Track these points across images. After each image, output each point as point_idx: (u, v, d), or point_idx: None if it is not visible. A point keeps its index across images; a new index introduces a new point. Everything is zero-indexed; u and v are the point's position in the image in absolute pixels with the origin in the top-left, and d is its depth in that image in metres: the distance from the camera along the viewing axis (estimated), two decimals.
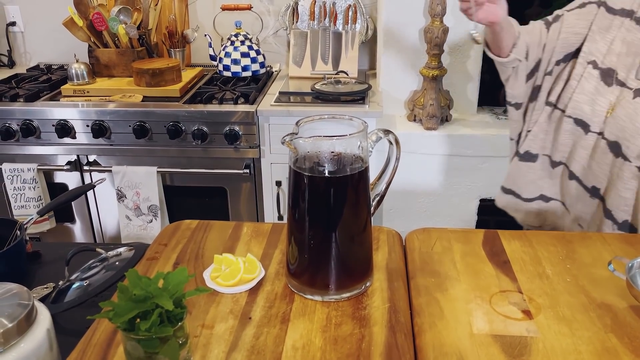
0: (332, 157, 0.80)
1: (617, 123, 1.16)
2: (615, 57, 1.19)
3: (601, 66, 1.21)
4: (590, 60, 1.22)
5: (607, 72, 1.20)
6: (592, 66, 1.22)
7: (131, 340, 0.65)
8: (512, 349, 0.75)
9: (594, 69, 1.21)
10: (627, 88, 1.16)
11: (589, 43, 1.23)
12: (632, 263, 0.82)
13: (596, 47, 1.22)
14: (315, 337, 0.78)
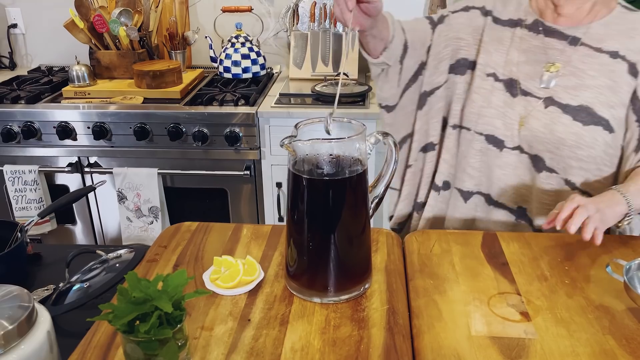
0: (330, 159, 0.81)
1: (535, 136, 1.12)
2: (515, 66, 1.15)
3: (502, 78, 1.16)
4: (489, 73, 1.17)
5: (509, 82, 1.15)
6: (494, 79, 1.16)
7: (130, 342, 0.66)
8: (510, 351, 0.75)
9: (496, 82, 1.16)
10: (534, 97, 1.13)
11: (483, 55, 1.18)
12: (630, 265, 0.83)
13: (492, 58, 1.17)
14: (314, 339, 0.78)
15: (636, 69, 1.08)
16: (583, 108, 1.09)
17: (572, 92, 1.10)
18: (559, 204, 0.96)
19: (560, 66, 1.10)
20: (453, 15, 1.21)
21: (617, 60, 1.09)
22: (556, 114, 1.10)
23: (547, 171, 1.12)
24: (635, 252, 0.98)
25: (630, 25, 1.11)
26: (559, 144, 1.10)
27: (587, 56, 1.10)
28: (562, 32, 1.12)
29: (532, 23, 1.15)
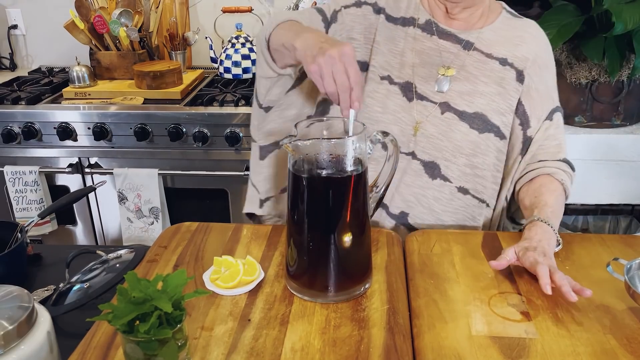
0: (330, 159, 0.81)
1: (431, 142, 1.09)
2: (410, 69, 1.11)
3: (398, 81, 1.12)
4: (383, 76, 1.12)
5: (405, 86, 1.11)
6: (388, 82, 1.12)
7: (130, 342, 0.65)
8: (510, 351, 0.75)
9: (391, 85, 1.11)
10: (430, 102, 1.10)
11: (377, 56, 1.12)
12: (631, 264, 0.82)
13: (386, 60, 1.12)
14: (314, 339, 0.78)
15: (523, 76, 1.10)
16: (478, 115, 1.09)
17: (467, 99, 1.10)
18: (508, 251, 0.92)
19: (455, 71, 1.09)
20: (345, 11, 1.13)
21: (506, 68, 1.10)
22: (453, 121, 1.09)
23: (441, 179, 1.11)
24: (636, 251, 0.98)
25: (516, 33, 1.12)
26: (456, 152, 1.09)
27: (479, 62, 1.10)
28: (456, 36, 1.11)
29: (425, 23, 1.12)
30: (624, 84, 1.91)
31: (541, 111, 1.12)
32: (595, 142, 1.96)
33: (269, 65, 1.06)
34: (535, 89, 1.11)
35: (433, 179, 1.11)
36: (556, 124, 1.13)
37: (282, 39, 0.97)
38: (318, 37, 0.90)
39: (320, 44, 0.86)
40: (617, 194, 2.04)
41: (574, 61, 1.94)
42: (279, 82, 1.11)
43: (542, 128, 1.11)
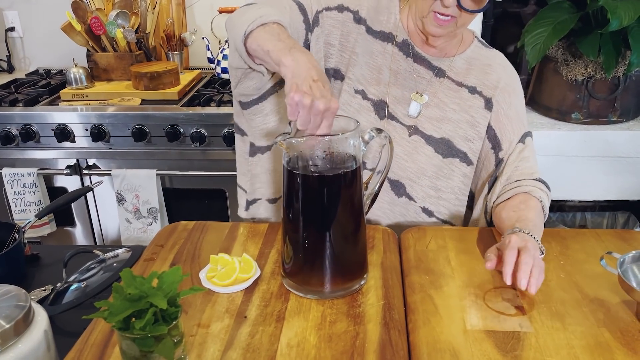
0: (324, 156, 0.81)
1: (396, 162, 1.10)
2: (386, 87, 1.11)
3: (372, 97, 1.11)
4: (358, 90, 1.11)
5: (378, 104, 1.11)
6: (362, 97, 1.11)
7: (126, 339, 0.66)
8: (505, 344, 0.76)
9: (364, 100, 1.11)
10: (400, 124, 1.11)
11: (354, 68, 1.10)
12: (624, 258, 0.83)
13: (362, 73, 1.11)
14: (310, 335, 0.78)
15: (491, 103, 1.12)
16: (444, 141, 1.11)
17: (435, 124, 1.11)
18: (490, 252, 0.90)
19: (427, 98, 1.11)
20: (327, 13, 1.09)
21: (475, 96, 1.12)
22: (419, 144, 1.11)
23: (406, 197, 1.12)
24: (630, 245, 0.99)
25: (486, 62, 1.14)
26: (420, 174, 1.11)
27: (450, 89, 1.12)
28: (430, 62, 1.12)
29: (403, 43, 1.12)
30: (620, 80, 1.91)
31: (512, 134, 1.13)
32: (592, 139, 1.97)
33: (243, 58, 1.00)
34: (505, 114, 1.13)
35: (399, 197, 1.13)
36: (529, 147, 1.14)
37: (266, 46, 0.92)
38: (310, 69, 0.85)
39: (312, 82, 0.83)
40: (615, 190, 2.05)
41: (569, 58, 1.95)
42: (250, 74, 1.05)
43: (516, 151, 1.12)
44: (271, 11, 0.98)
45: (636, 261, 0.84)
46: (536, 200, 1.06)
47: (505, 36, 2.24)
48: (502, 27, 2.26)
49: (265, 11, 0.97)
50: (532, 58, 1.83)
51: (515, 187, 1.08)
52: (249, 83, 1.07)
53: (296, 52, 0.88)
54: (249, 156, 1.18)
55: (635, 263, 0.84)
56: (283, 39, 0.92)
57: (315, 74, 0.84)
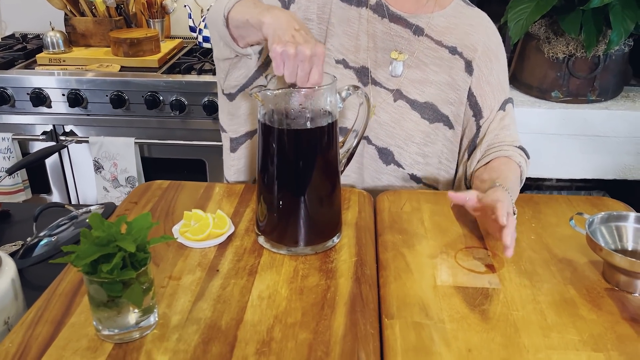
0: (300, 109, 0.81)
1: (384, 129, 1.10)
2: (365, 53, 1.10)
3: (353, 65, 1.10)
4: (338, 60, 1.10)
5: (361, 70, 1.10)
6: (344, 66, 1.10)
7: (94, 283, 0.65)
8: (473, 299, 0.77)
9: (346, 69, 1.10)
10: (384, 89, 1.10)
11: (332, 39, 1.10)
12: (593, 219, 0.84)
13: (340, 42, 1.10)
14: (282, 288, 0.79)
15: (472, 67, 1.10)
16: (429, 105, 1.10)
17: (418, 87, 1.10)
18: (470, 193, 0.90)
19: (407, 56, 1.09)
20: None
21: (455, 57, 1.10)
22: (405, 109, 1.10)
23: (395, 165, 1.12)
24: (600, 211, 1.00)
25: (467, 21, 1.12)
26: (408, 140, 1.10)
27: (429, 49, 1.10)
28: (407, 20, 1.10)
29: (376, 4, 1.10)
30: (600, 59, 1.93)
31: (493, 102, 1.13)
32: (571, 117, 1.98)
33: (228, 44, 0.98)
34: (486, 81, 1.12)
35: (387, 165, 1.12)
36: (510, 115, 1.14)
37: (246, 15, 0.91)
38: (290, 20, 0.84)
39: (294, 31, 0.81)
40: (591, 169, 2.08)
41: (551, 36, 1.95)
42: (238, 63, 1.04)
43: (497, 118, 1.12)
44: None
45: (604, 222, 0.85)
46: (516, 165, 1.06)
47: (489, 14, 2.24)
48: (486, 3, 2.26)
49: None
50: (514, 34, 1.83)
51: (495, 152, 1.08)
52: (237, 73, 1.06)
53: (274, 9, 0.87)
54: (231, 152, 1.17)
55: (604, 224, 0.85)
56: (259, 5, 0.91)
57: (297, 24, 0.83)
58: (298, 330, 0.70)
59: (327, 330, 0.70)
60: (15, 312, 0.78)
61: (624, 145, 2.02)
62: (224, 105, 1.14)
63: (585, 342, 0.69)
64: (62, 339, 0.69)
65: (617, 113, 1.97)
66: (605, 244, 0.81)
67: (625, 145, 2.02)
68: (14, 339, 0.68)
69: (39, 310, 0.73)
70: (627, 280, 0.78)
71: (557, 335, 0.70)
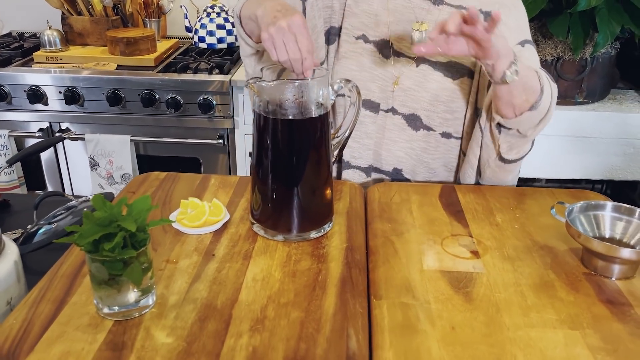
0: (294, 100, 0.84)
1: (408, 95, 1.12)
2: (386, 27, 1.13)
3: (373, 39, 1.13)
4: (358, 36, 1.14)
5: (382, 43, 1.13)
6: (364, 41, 1.13)
7: (96, 261, 0.68)
8: (458, 282, 0.80)
9: (366, 43, 1.13)
10: (406, 57, 1.13)
11: (349, 18, 1.14)
12: (572, 207, 0.88)
13: (360, 20, 1.13)
14: (275, 271, 0.82)
15: (490, 16, 1.07)
16: (451, 64, 1.12)
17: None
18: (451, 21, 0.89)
19: (428, 26, 1.11)
20: None
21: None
22: (428, 71, 1.12)
23: (424, 129, 1.14)
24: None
25: None
26: (434, 101, 1.12)
27: (449, 14, 1.10)
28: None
29: None
30: (587, 61, 1.98)
31: (511, 39, 1.11)
32: (560, 119, 2.03)
33: (245, 40, 1.06)
34: (504, 23, 1.07)
35: (417, 131, 1.14)
36: (530, 51, 1.12)
37: (248, 12, 0.98)
38: (274, 6, 0.89)
39: (275, 13, 0.86)
40: (579, 169, 2.12)
41: (540, 39, 2.00)
42: (262, 58, 1.11)
43: (515, 50, 1.08)
44: None
45: (583, 211, 0.89)
46: (534, 73, 1.02)
47: None
48: None
49: None
50: None
51: None
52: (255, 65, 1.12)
53: (266, 2, 0.93)
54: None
55: (583, 213, 0.89)
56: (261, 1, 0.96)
57: (278, 6, 0.88)
58: (290, 309, 0.74)
59: (318, 310, 0.74)
60: (17, 293, 0.81)
61: (611, 146, 2.07)
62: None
63: (562, 321, 0.73)
64: (65, 316, 0.72)
65: (604, 115, 2.02)
66: (583, 231, 0.85)
67: (612, 147, 2.07)
68: (18, 316, 0.71)
69: (42, 291, 0.76)
70: (604, 265, 0.82)
71: (536, 314, 0.74)
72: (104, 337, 0.68)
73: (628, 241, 0.87)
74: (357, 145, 1.17)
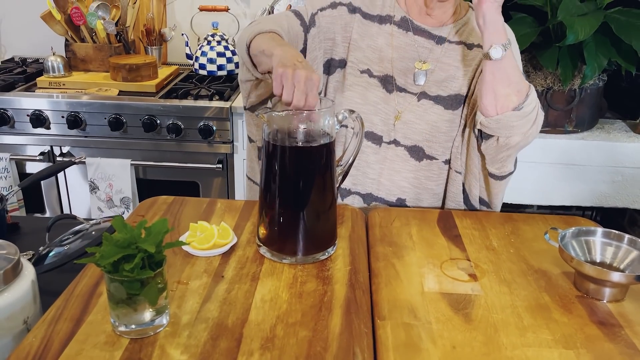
0: (302, 130, 0.89)
1: (409, 127, 1.17)
2: (389, 63, 1.18)
3: (377, 74, 1.18)
4: (363, 70, 1.18)
5: (385, 79, 1.18)
6: (368, 75, 1.18)
7: (115, 281, 0.72)
8: (457, 304, 0.84)
9: (370, 77, 1.18)
10: (409, 93, 1.18)
11: (355, 52, 1.19)
12: (565, 233, 0.93)
13: (365, 55, 1.18)
14: (282, 292, 0.85)
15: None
16: (451, 97, 1.18)
17: (441, 85, 1.18)
18: None
19: (431, 64, 1.18)
20: (321, 13, 1.18)
21: (473, 50, 1.19)
22: (429, 105, 1.18)
23: (427, 159, 1.19)
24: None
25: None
26: (435, 132, 1.18)
27: (451, 51, 1.19)
28: (430, 32, 1.19)
29: (401, 20, 1.20)
30: (576, 92, 2.05)
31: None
32: (550, 147, 2.09)
33: (249, 69, 1.12)
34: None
35: (420, 161, 1.19)
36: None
37: (263, 46, 1.03)
38: (295, 55, 0.94)
39: (296, 61, 0.91)
40: (570, 196, 2.18)
41: (531, 70, 2.08)
42: (259, 85, 1.17)
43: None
44: (269, 24, 1.10)
45: (575, 237, 0.94)
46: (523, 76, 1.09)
47: None
48: None
49: (264, 25, 1.09)
50: None
51: None
52: (258, 92, 1.19)
53: (286, 46, 0.99)
54: (259, 160, 1.27)
55: (575, 239, 0.94)
56: (276, 39, 1.04)
57: (300, 57, 0.93)
58: (298, 329, 0.77)
59: (325, 329, 0.77)
60: (33, 313, 0.83)
61: (600, 174, 2.13)
62: (249, 119, 1.25)
63: (557, 341, 0.77)
64: (82, 334, 0.74)
65: (593, 143, 2.09)
66: (575, 256, 0.89)
67: (601, 174, 2.13)
68: (37, 334, 0.74)
69: (59, 310, 0.79)
70: (595, 288, 0.87)
71: (532, 334, 0.78)
72: (121, 354, 0.71)
73: (618, 265, 0.91)
74: (358, 174, 1.21)
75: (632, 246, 0.91)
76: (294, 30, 1.15)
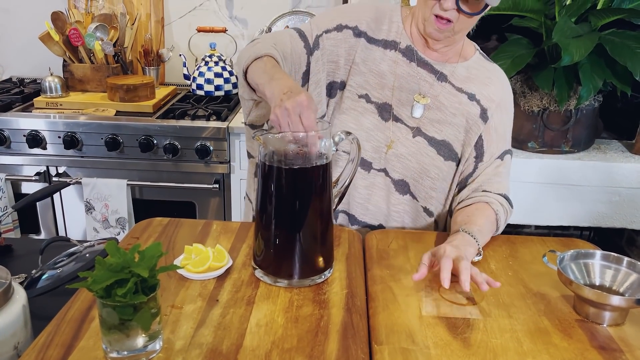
0: (298, 151, 0.88)
1: (402, 162, 1.18)
2: (390, 91, 1.18)
3: (375, 100, 1.18)
4: (361, 94, 1.18)
5: (383, 106, 1.18)
6: (366, 100, 1.18)
7: (107, 307, 0.70)
8: (456, 328, 0.83)
9: (368, 103, 1.18)
10: (404, 125, 1.18)
11: (355, 76, 1.18)
12: (563, 256, 0.92)
13: (365, 79, 1.18)
14: (278, 317, 0.84)
15: (487, 115, 1.20)
16: (445, 143, 1.19)
17: (437, 126, 1.19)
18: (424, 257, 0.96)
19: (429, 100, 1.18)
20: (326, 36, 1.18)
21: (473, 103, 1.20)
22: (422, 145, 1.18)
23: (410, 195, 1.20)
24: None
25: (486, 74, 1.22)
26: (423, 174, 1.18)
27: (450, 94, 1.20)
28: (433, 66, 1.19)
29: (406, 48, 1.19)
30: (572, 113, 2.06)
31: (496, 149, 1.21)
32: (546, 167, 2.09)
33: (247, 92, 1.13)
34: (494, 128, 1.21)
35: (403, 195, 1.20)
36: (506, 165, 1.23)
37: (257, 80, 1.03)
38: (281, 88, 0.93)
39: (281, 96, 0.91)
40: (566, 216, 2.17)
41: (527, 90, 2.09)
42: (260, 104, 1.17)
43: (494, 165, 1.21)
44: (267, 45, 1.09)
45: (574, 259, 0.93)
46: (492, 211, 1.13)
47: None
48: None
49: (261, 46, 1.08)
50: None
51: (478, 197, 1.16)
52: (260, 112, 1.18)
53: (273, 82, 0.98)
54: (255, 177, 1.26)
55: (574, 261, 0.93)
56: (267, 70, 1.03)
57: (286, 87, 0.93)
58: (294, 355, 0.76)
59: (322, 355, 0.76)
60: (24, 338, 0.82)
61: (597, 194, 2.13)
62: (249, 134, 1.24)
63: None
64: None
65: (589, 164, 2.09)
66: (574, 279, 0.88)
67: (597, 194, 2.13)
68: None
69: (50, 335, 0.78)
70: (595, 312, 0.86)
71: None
72: None
73: (617, 288, 0.90)
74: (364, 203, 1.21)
75: (631, 269, 0.90)
76: (297, 52, 1.15)
